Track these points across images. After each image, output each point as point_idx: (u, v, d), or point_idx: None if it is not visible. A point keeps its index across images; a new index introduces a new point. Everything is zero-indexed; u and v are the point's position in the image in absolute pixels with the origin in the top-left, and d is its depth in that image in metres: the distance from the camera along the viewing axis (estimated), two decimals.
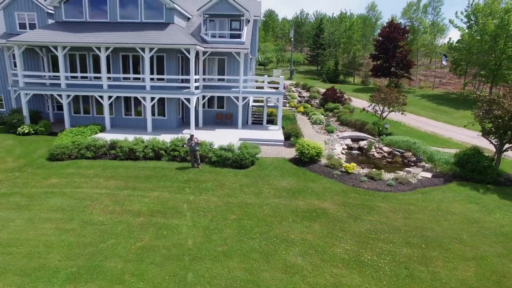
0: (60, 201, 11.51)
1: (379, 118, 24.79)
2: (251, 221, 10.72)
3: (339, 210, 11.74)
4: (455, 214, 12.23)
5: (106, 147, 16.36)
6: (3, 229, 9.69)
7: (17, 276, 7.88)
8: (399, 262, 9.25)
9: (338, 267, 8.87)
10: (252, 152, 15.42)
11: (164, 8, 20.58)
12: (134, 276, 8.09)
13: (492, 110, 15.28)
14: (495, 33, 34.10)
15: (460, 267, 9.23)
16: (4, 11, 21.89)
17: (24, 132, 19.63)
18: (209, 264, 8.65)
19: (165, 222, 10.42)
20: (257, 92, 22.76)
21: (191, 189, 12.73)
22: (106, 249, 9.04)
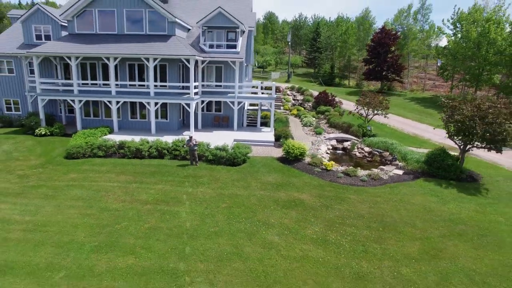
0: (80, 192, 13.69)
1: (364, 121, 26.90)
2: (239, 208, 12.86)
3: (314, 201, 13.87)
4: (414, 205, 14.33)
5: (116, 147, 18.53)
6: (38, 213, 11.88)
7: (53, 247, 10.06)
8: (358, 241, 11.38)
9: (307, 244, 11.00)
10: (244, 152, 17.57)
11: (166, 22, 22.77)
12: (143, 249, 10.23)
13: (454, 115, 17.40)
14: (478, 40, 36.16)
15: (407, 245, 11.34)
16: (22, 24, 24.12)
17: (41, 134, 21.83)
18: (203, 241, 10.80)
19: (167, 209, 12.58)
20: (251, 97, 24.89)
21: (190, 183, 14.89)
22: (120, 229, 11.21)
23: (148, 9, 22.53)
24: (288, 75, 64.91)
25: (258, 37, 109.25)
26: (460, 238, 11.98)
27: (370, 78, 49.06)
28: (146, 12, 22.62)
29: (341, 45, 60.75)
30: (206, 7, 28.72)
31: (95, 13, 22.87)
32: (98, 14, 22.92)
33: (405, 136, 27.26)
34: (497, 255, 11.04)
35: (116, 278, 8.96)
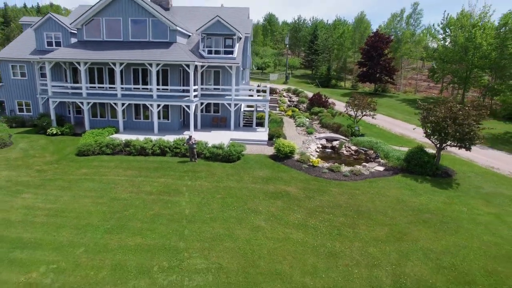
0: (92, 184, 15.47)
1: (353, 121, 28.63)
2: (232, 199, 14.62)
3: (299, 192, 15.62)
4: (389, 197, 16.07)
5: (122, 145, 20.31)
6: (57, 202, 13.65)
7: (72, 229, 11.83)
8: (334, 226, 13.12)
9: (289, 228, 12.75)
10: (238, 150, 19.33)
11: (168, 30, 24.56)
12: (149, 231, 12.00)
13: (429, 116, 19.13)
14: (465, 45, 37.84)
15: (377, 230, 13.08)
16: (35, 32, 25.93)
17: (53, 133, 23.62)
18: (199, 225, 12.56)
19: (169, 199, 14.34)
20: (246, 99, 26.64)
21: (189, 177, 16.66)
22: (129, 215, 12.98)
23: (151, 18, 24.32)
24: (286, 77, 66.57)
25: (257, 39, 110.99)
26: (424, 224, 13.71)
27: (364, 80, 50.80)
28: (150, 21, 24.41)
29: (337, 48, 62.45)
30: (205, 14, 30.54)
31: (102, 22, 24.68)
32: (105, 23, 24.73)
33: (392, 136, 29.00)
34: (453, 238, 12.77)
35: (127, 253, 10.72)
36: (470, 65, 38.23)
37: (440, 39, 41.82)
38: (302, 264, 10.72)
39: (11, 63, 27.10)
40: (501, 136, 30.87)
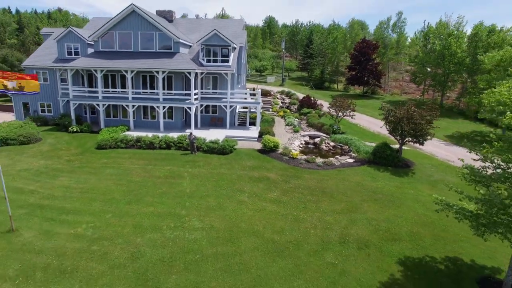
0: (112, 170, 19.22)
1: (335, 121, 32.25)
2: (223, 182, 18.33)
3: (278, 178, 19.31)
4: (351, 182, 19.72)
5: (134, 141, 24.05)
6: (86, 183, 17.42)
7: (101, 201, 15.58)
8: (302, 201, 16.78)
9: (266, 202, 16.44)
10: (231, 144, 23.04)
11: (172, 42, 28.29)
12: (158, 203, 15.70)
13: (389, 116, 22.77)
14: (442, 52, 41.39)
15: (335, 205, 16.74)
16: (58, 43, 29.71)
17: (74, 131, 27.40)
18: (197, 199, 16.26)
19: (174, 181, 18.07)
20: (240, 102, 30.32)
21: (190, 165, 20.38)
22: (143, 192, 16.70)
23: (158, 32, 28.07)
24: (282, 79, 70.15)
25: (257, 42, 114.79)
26: (375, 201, 17.36)
27: (354, 83, 54.38)
28: (156, 34, 28.17)
29: (331, 52, 66.00)
30: (205, 26, 34.27)
31: (116, 35, 28.46)
32: (118, 36, 28.50)
33: (370, 134, 32.62)
34: (394, 211, 16.42)
35: (143, 217, 14.44)
36: (447, 70, 41.75)
37: (421, 46, 45.33)
38: (273, 226, 14.40)
39: (35, 69, 30.91)
40: (468, 135, 34.44)
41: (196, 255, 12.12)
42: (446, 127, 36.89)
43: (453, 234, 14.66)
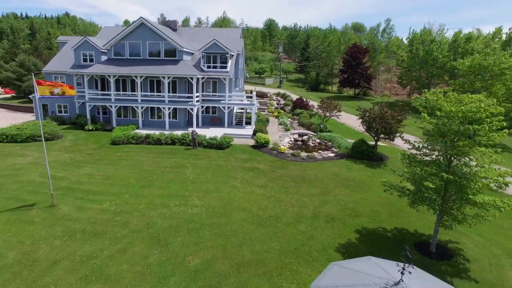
0: (126, 162, 22.68)
1: (323, 120, 35.60)
2: (220, 171, 21.75)
3: (266, 168, 22.70)
4: (329, 172, 23.07)
5: (143, 137, 27.50)
6: (106, 172, 20.89)
7: (119, 185, 19.03)
8: (284, 186, 20.15)
9: (255, 187, 19.83)
10: (228, 141, 26.44)
11: (176, 50, 31.74)
12: (166, 187, 19.13)
13: (364, 117, 26.11)
14: (424, 57, 44.65)
15: (312, 189, 20.09)
16: (75, 51, 33.21)
17: (89, 129, 30.88)
18: (198, 184, 19.68)
19: (179, 170, 21.50)
20: (237, 103, 33.73)
21: (192, 158, 23.81)
22: (153, 179, 20.14)
23: (164, 42, 31.53)
24: (280, 81, 73.46)
25: (257, 44, 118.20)
26: (346, 187, 20.71)
27: (345, 86, 57.68)
28: (162, 43, 31.63)
29: (325, 56, 69.31)
30: (206, 35, 37.71)
31: (126, 44, 31.94)
32: (128, 45, 31.98)
33: (354, 132, 35.91)
34: (361, 194, 19.75)
35: (154, 197, 17.86)
36: (430, 74, 44.99)
37: (407, 51, 48.61)
38: (258, 205, 17.78)
39: (54, 75, 34.49)
40: None
41: (197, 224, 15.53)
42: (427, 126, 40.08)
43: (405, 212, 17.99)
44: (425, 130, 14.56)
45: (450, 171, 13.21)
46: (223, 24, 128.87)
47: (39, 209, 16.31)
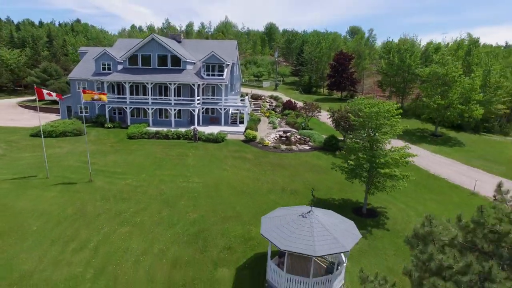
0: (141, 152, 28.58)
1: (305, 120, 41.29)
2: (215, 159, 27.60)
3: (252, 157, 28.49)
4: (301, 160, 28.76)
5: (154, 133, 33.38)
6: (127, 159, 26.79)
7: (138, 168, 24.93)
8: (264, 170, 25.91)
9: (241, 170, 25.62)
10: (222, 136, 32.27)
11: (181, 61, 37.61)
12: (173, 169, 24.98)
13: (333, 116, 31.80)
14: (399, 64, 50.16)
15: (285, 172, 25.83)
16: (95, 61, 39.18)
17: (108, 127, 36.80)
18: (197, 168, 25.52)
19: (182, 158, 27.37)
20: (231, 105, 39.53)
21: (193, 149, 29.68)
22: (163, 164, 26.02)
23: (170, 54, 37.42)
24: (276, 84, 79.18)
25: (256, 49, 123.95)
26: (312, 171, 26.42)
27: (333, 89, 63.27)
28: (169, 55, 37.52)
29: (317, 61, 74.92)
30: (206, 46, 43.54)
31: (139, 56, 37.87)
32: (141, 56, 37.91)
33: (331, 129, 41.29)
34: (322, 176, 25.45)
35: (164, 176, 23.70)
36: (405, 79, 50.47)
37: (385, 58, 54.11)
38: (242, 182, 23.55)
39: (77, 81, 40.49)
40: (412, 131, 43.19)
41: (195, 194, 21.34)
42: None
43: (352, 188, 23.64)
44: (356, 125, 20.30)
45: (371, 153, 18.91)
46: (225, 29, 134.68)
47: (81, 183, 22.24)
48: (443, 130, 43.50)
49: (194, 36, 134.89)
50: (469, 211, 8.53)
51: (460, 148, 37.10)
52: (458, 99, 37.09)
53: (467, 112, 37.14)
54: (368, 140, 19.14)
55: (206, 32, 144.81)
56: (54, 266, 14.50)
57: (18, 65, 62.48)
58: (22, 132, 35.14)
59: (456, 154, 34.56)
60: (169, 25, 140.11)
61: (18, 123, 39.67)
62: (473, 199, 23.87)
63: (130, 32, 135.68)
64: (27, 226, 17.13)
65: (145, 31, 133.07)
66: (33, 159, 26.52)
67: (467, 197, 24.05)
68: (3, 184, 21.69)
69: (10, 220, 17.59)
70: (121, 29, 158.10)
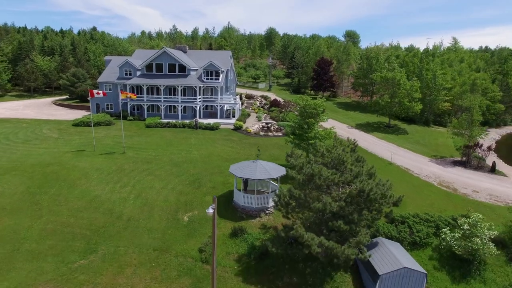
0: (157, 136, 38.95)
1: (284, 114, 51.23)
2: (210, 140, 37.87)
3: (236, 139, 38.70)
4: (272, 141, 38.78)
5: (165, 124, 43.71)
6: (147, 141, 37.16)
7: (155, 146, 35.29)
8: (243, 147, 36.07)
9: (227, 147, 35.83)
10: (217, 125, 42.56)
11: (186, 68, 47.93)
12: (179, 146, 35.27)
13: (296, 111, 41.81)
14: (367, 69, 59.79)
15: (252, 145, 35.95)
16: (119, 68, 49.61)
17: (130, 119, 47.19)
18: (197, 146, 35.80)
19: (187, 140, 37.68)
20: (226, 103, 49.68)
21: (194, 134, 40.00)
22: (172, 143, 36.35)
23: (178, 63, 47.76)
24: (270, 86, 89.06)
25: (255, 53, 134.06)
26: (277, 148, 36.41)
27: (315, 89, 73.07)
28: (177, 64, 47.85)
29: (305, 65, 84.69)
30: (206, 56, 53.82)
31: (154, 64, 48.28)
32: (155, 64, 48.32)
33: None
34: (283, 151, 35.55)
35: (173, 151, 33.95)
36: (372, 81, 60.11)
37: (357, 63, 63.71)
38: (227, 154, 33.72)
39: (104, 84, 51.01)
40: (371, 123, 52.90)
41: (194, 160, 31.53)
42: (362, 119, 55.53)
43: None
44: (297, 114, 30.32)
45: (304, 131, 28.86)
46: (227, 34, 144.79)
47: (117, 153, 32.58)
48: (397, 123, 53.12)
49: (199, 40, 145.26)
50: (385, 174, 18.68)
51: (403, 136, 46.82)
52: (404, 97, 46.77)
53: (411, 108, 46.81)
54: (304, 123, 29.18)
55: (210, 36, 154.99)
56: (111, 193, 24.87)
57: (50, 70, 73.36)
58: (65, 123, 45.71)
59: (397, 140, 44.32)
60: (176, 31, 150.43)
61: (58, 117, 50.29)
62: (389, 166, 33.82)
63: (140, 38, 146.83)
64: (90, 175, 27.54)
65: (154, 37, 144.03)
66: (81, 140, 37.01)
67: (386, 165, 33.96)
68: (67, 154, 32.18)
69: (79, 172, 28.02)
70: (131, 33, 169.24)
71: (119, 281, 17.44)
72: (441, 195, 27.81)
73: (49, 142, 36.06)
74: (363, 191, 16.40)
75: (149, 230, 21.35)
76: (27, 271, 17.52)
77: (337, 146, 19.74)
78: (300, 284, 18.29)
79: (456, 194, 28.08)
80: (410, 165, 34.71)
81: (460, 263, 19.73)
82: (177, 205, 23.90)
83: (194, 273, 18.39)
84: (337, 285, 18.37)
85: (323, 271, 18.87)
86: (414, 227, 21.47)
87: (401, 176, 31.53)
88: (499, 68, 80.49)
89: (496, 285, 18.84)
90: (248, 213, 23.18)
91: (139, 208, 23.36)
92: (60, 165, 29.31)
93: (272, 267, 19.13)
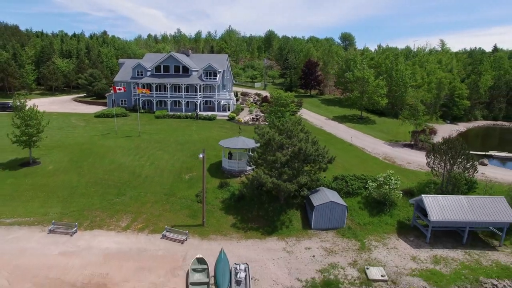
0: (164, 124, 47.60)
1: None
2: (208, 128, 46.47)
3: (229, 127, 47.27)
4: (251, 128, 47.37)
5: (171, 115, 52.34)
6: (156, 128, 45.82)
7: (164, 132, 43.97)
8: (233, 132, 44.58)
9: (221, 132, 44.41)
10: (214, 116, 51.16)
11: (189, 69, 56.56)
12: (183, 132, 43.89)
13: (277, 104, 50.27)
14: (346, 69, 67.99)
15: (245, 133, 44.51)
16: (132, 70, 58.31)
17: (141, 112, 55.78)
18: (197, 131, 44.40)
19: (188, 127, 46.31)
20: (222, 98, 58.23)
21: (195, 123, 48.62)
22: (177, 129, 44.99)
23: (182, 65, 56.42)
24: (265, 85, 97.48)
25: (254, 54, 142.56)
26: None
27: (303, 88, 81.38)
28: (181, 66, 56.51)
29: (297, 66, 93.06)
30: (206, 59, 62.46)
31: (161, 66, 56.99)
32: (163, 66, 57.03)
33: None
34: None
35: (178, 134, 42.56)
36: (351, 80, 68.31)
37: (339, 64, 71.84)
38: (220, 136, 42.03)
39: (119, 83, 59.76)
40: (347, 116, 61.12)
41: (194, 141, 40.09)
42: (340, 112, 63.84)
43: None
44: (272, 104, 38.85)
45: (278, 116, 37.31)
46: (228, 37, 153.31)
47: (134, 136, 41.24)
48: (370, 115, 61.32)
49: (202, 42, 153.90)
50: (344, 151, 27.30)
51: (371, 126, 55.07)
52: (373, 93, 55.04)
53: (378, 102, 55.04)
54: (278, 110, 37.63)
55: (212, 39, 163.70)
56: (132, 161, 33.56)
57: (69, 71, 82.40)
58: (88, 115, 54.54)
59: (364, 128, 52.60)
60: (180, 34, 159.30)
61: (80, 111, 59.14)
62: (349, 146, 42.20)
63: (147, 41, 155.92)
64: (116, 150, 36.24)
65: (160, 40, 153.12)
66: (104, 127, 45.75)
67: (347, 146, 42.32)
68: (95, 136, 40.94)
69: (107, 148, 36.72)
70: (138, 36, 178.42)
71: (142, 210, 26.08)
72: (381, 165, 36.11)
73: (79, 129, 44.90)
74: (302, 149, 24.85)
75: (161, 183, 29.96)
76: (83, 203, 26.28)
77: (288, 121, 28.18)
78: (264, 216, 26.76)
79: (393, 165, 36.40)
80: (367, 146, 42.99)
81: (377, 204, 28.08)
82: (181, 169, 32.49)
83: (192, 208, 26.96)
84: (289, 217, 26.81)
85: (280, 208, 27.34)
86: (349, 182, 29.87)
87: (356, 153, 39.88)
88: (475, 69, 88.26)
89: (398, 217, 27.21)
90: (232, 174, 31.72)
91: (153, 171, 31.99)
92: (91, 144, 38.05)
93: (246, 206, 27.64)
